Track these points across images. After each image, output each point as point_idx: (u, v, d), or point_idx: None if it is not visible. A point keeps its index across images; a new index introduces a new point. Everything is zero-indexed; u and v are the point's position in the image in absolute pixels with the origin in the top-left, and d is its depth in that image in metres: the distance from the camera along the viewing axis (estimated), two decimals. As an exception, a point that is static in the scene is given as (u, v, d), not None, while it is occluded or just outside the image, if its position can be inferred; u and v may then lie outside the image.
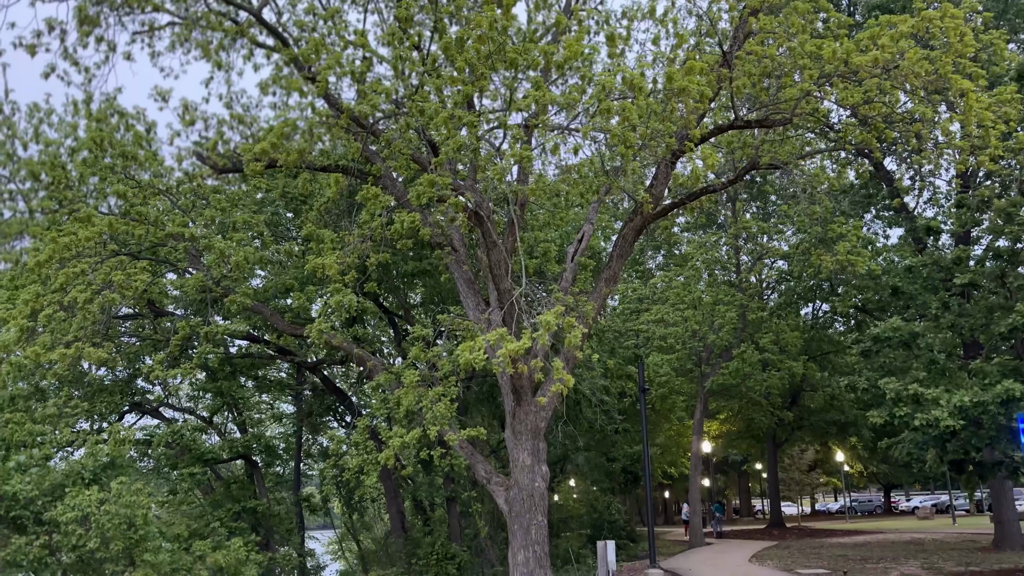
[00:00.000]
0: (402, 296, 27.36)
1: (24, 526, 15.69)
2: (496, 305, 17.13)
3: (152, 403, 25.02)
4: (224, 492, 23.78)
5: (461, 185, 15.29)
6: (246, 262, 18.89)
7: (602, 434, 28.50)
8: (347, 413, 30.06)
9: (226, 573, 16.82)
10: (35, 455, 16.88)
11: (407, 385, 17.02)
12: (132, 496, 15.56)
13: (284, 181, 22.18)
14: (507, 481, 17.44)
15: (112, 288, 16.24)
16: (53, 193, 18.94)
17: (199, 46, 15.25)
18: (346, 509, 34.08)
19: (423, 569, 21.80)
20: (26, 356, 16.10)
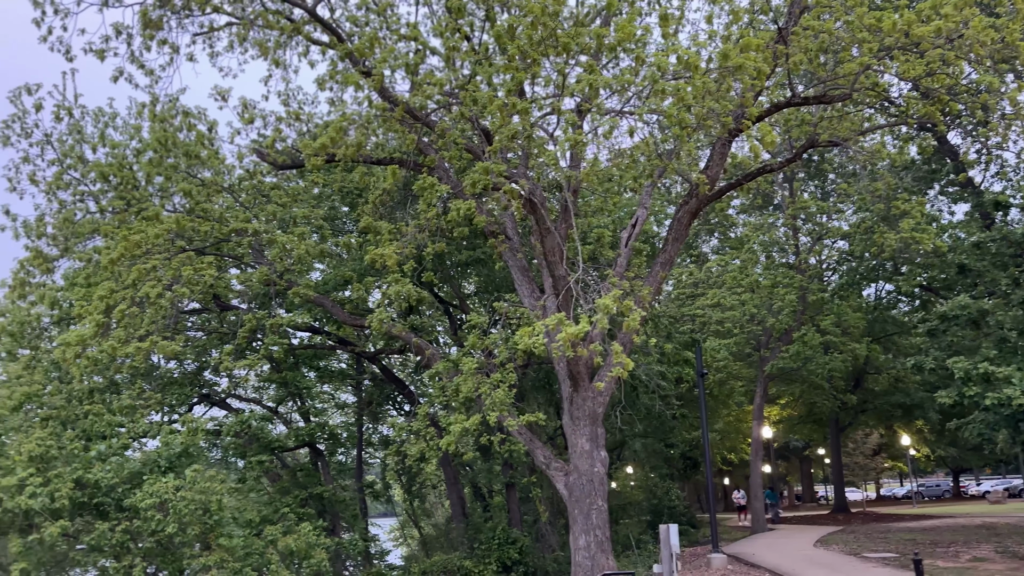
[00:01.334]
0: (456, 285, 27.64)
1: (106, 512, 16.47)
2: (551, 292, 17.20)
3: (220, 394, 25.86)
4: (291, 479, 24.48)
5: (514, 173, 15.39)
6: (307, 255, 19.38)
7: (659, 420, 28.36)
8: (406, 402, 30.56)
9: (297, 557, 17.37)
10: (114, 445, 17.67)
11: (465, 372, 17.26)
12: (206, 483, 16.18)
13: (340, 175, 22.60)
14: (566, 466, 17.55)
15: (181, 283, 16.83)
16: (121, 193, 19.73)
17: (256, 45, 15.67)
18: (407, 496, 34.69)
19: (484, 554, 22.09)
20: (102, 350, 16.84)
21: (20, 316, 20.28)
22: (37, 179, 19.13)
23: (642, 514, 33.19)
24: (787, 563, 20.10)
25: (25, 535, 15.51)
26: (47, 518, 15.53)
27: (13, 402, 17.74)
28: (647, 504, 34.00)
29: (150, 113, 18.51)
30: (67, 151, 19.73)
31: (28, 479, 15.62)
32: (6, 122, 18.73)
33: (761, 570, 19.58)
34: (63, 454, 16.58)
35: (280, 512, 20.19)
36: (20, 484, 15.54)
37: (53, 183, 19.29)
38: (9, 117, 18.78)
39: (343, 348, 26.79)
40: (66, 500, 15.55)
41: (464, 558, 22.20)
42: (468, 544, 23.74)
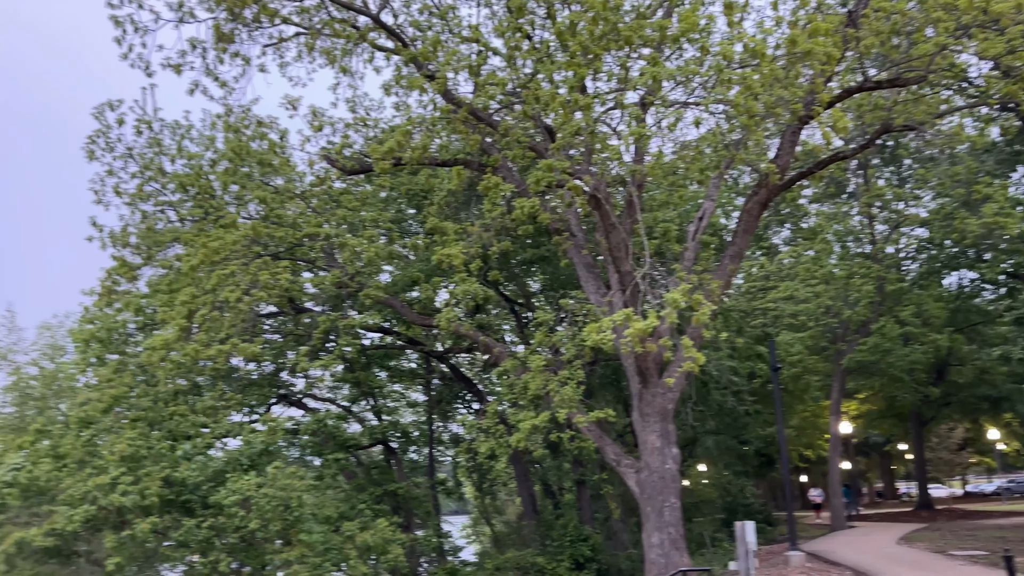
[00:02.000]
0: (522, 283, 27.75)
1: (192, 509, 17.17)
2: (618, 287, 17.11)
3: (297, 394, 26.63)
4: (366, 477, 25.03)
5: (578, 169, 15.37)
6: (376, 257, 19.78)
7: (732, 416, 27.87)
8: (475, 400, 30.85)
9: (374, 552, 17.77)
10: (198, 444, 18.41)
11: (533, 370, 17.33)
12: (286, 480, 16.71)
13: (407, 178, 22.98)
14: (637, 463, 17.42)
15: (258, 287, 17.40)
16: (199, 202, 20.52)
17: (324, 53, 16.08)
18: (478, 493, 35.01)
19: (557, 551, 22.14)
20: (185, 354, 17.56)
21: (108, 323, 21.29)
22: (121, 191, 20.04)
23: (716, 512, 32.68)
24: (868, 561, 19.50)
25: (118, 531, 16.30)
26: (138, 515, 16.29)
27: (103, 404, 18.65)
28: (721, 502, 33.46)
29: (224, 124, 19.20)
30: (147, 163, 20.61)
31: (120, 478, 16.41)
32: (91, 137, 19.67)
33: (841, 568, 19.05)
34: (151, 454, 17.36)
35: (357, 508, 20.68)
36: (113, 482, 16.34)
37: (135, 195, 20.18)
38: (94, 132, 19.72)
39: (412, 348, 27.24)
40: (155, 497, 16.28)
41: (536, 555, 22.29)
42: (540, 541, 23.81)
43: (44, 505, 17.48)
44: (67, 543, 16.87)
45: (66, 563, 17.62)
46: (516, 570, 21.86)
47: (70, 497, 16.47)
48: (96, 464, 16.95)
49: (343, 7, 15.45)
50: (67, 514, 16.18)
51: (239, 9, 14.63)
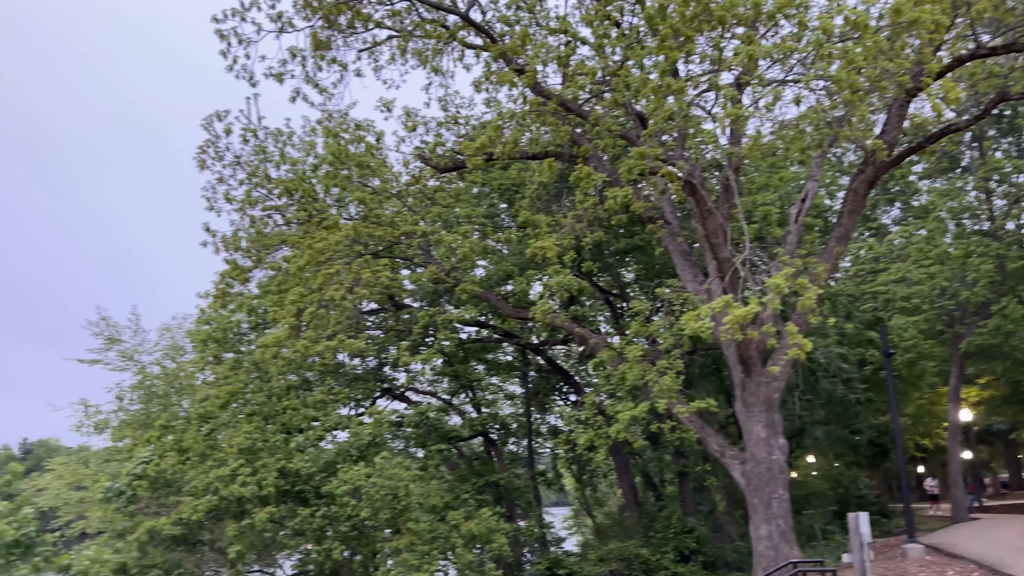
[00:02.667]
0: (616, 274, 27.54)
1: (307, 499, 17.96)
2: (716, 275, 16.73)
3: (399, 388, 27.38)
4: (468, 468, 25.50)
5: (671, 155, 15.11)
6: (471, 252, 20.08)
7: (842, 405, 26.79)
8: (571, 391, 30.88)
9: (479, 541, 18.10)
10: (310, 436, 19.23)
11: (630, 360, 17.19)
12: (393, 470, 17.24)
13: (498, 173, 23.19)
14: (742, 455, 17.04)
15: (361, 285, 17.98)
16: (303, 205, 21.35)
17: (415, 55, 16.42)
18: (578, 485, 35.04)
19: (661, 543, 21.91)
20: (295, 351, 18.36)
21: (223, 323, 22.46)
22: (231, 197, 21.08)
23: (827, 504, 31.53)
24: (994, 554, 18.37)
25: (238, 520, 17.23)
26: (256, 504, 17.16)
27: (221, 400, 19.72)
28: (832, 494, 32.26)
29: (324, 129, 19.89)
30: (254, 170, 21.60)
31: (239, 469, 17.34)
32: (202, 147, 20.77)
33: (965, 561, 18.03)
34: (267, 446, 18.25)
35: (460, 498, 21.11)
36: (232, 474, 17.28)
37: (244, 200, 21.18)
38: (204, 142, 20.82)
39: (508, 341, 27.53)
40: (272, 488, 17.11)
41: (640, 547, 22.13)
42: (643, 533, 23.63)
43: (171, 496, 18.66)
44: (192, 531, 17.95)
45: (192, 551, 18.73)
46: (620, 561, 21.77)
47: (194, 488, 17.52)
48: (216, 457, 17.96)
49: (433, 7, 15.73)
50: (192, 504, 17.22)
51: (334, 16, 15.12)
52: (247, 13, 15.52)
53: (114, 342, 28.68)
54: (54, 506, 33.17)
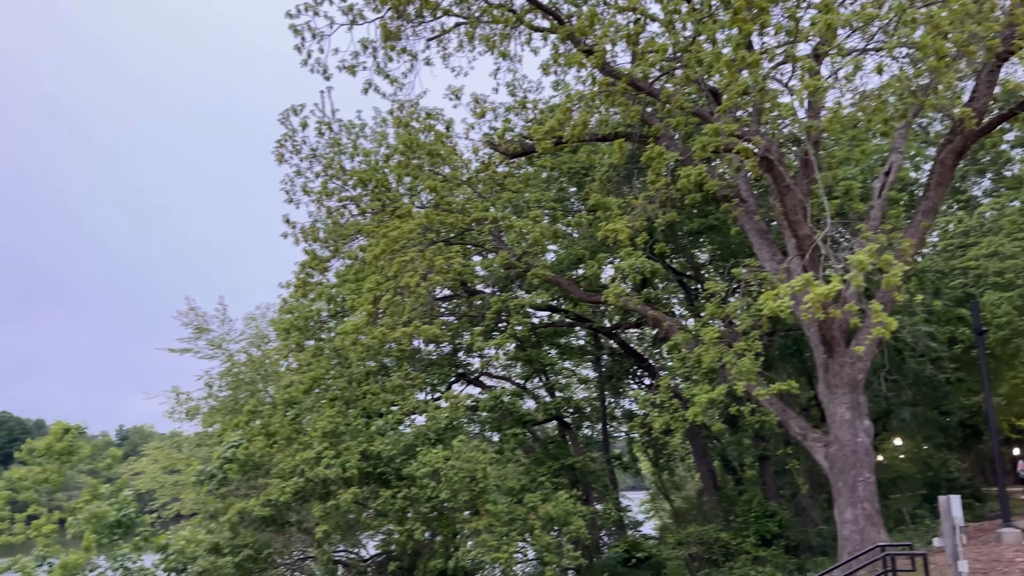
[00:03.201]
0: (690, 255, 27.11)
1: (388, 481, 18.43)
2: (795, 253, 16.31)
3: (474, 373, 27.72)
4: (543, 451, 25.65)
5: (746, 131, 14.75)
6: (542, 237, 20.12)
7: (931, 386, 25.75)
8: (646, 375, 30.62)
9: (556, 523, 18.23)
10: (389, 420, 19.70)
11: (706, 342, 16.95)
12: (471, 453, 17.52)
13: (567, 157, 23.10)
14: (825, 437, 16.65)
15: (434, 271, 18.27)
16: (377, 195, 21.79)
17: (483, 41, 16.49)
18: (655, 469, 34.80)
19: (741, 527, 21.60)
20: (373, 337, 18.82)
21: (304, 312, 23.17)
22: (308, 189, 21.68)
23: (915, 488, 30.43)
24: (1104, 543, 17.41)
25: (324, 501, 17.81)
26: (340, 486, 17.71)
27: (305, 386, 20.38)
28: (921, 477, 31.10)
29: (395, 120, 20.22)
30: (329, 162, 22.15)
31: (323, 452, 17.91)
32: (280, 141, 21.41)
33: (1068, 549, 17.16)
34: (349, 430, 18.79)
35: (537, 481, 21.28)
36: (317, 457, 17.86)
37: (321, 192, 21.77)
38: (281, 137, 21.45)
39: (580, 324, 27.48)
40: (355, 470, 17.63)
41: (720, 530, 21.88)
42: (723, 517, 23.33)
43: (259, 478, 19.41)
44: (281, 513, 18.65)
45: (280, 531, 19.48)
46: (699, 545, 21.59)
47: (281, 471, 18.19)
48: (302, 440, 18.59)
49: (500, -8, 15.77)
50: (279, 486, 17.89)
51: (403, 6, 15.32)
52: (319, 7, 15.88)
53: (203, 331, 29.96)
54: (150, 489, 35.00)
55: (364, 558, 20.49)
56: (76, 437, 18.03)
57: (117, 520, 17.76)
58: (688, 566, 21.17)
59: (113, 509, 17.70)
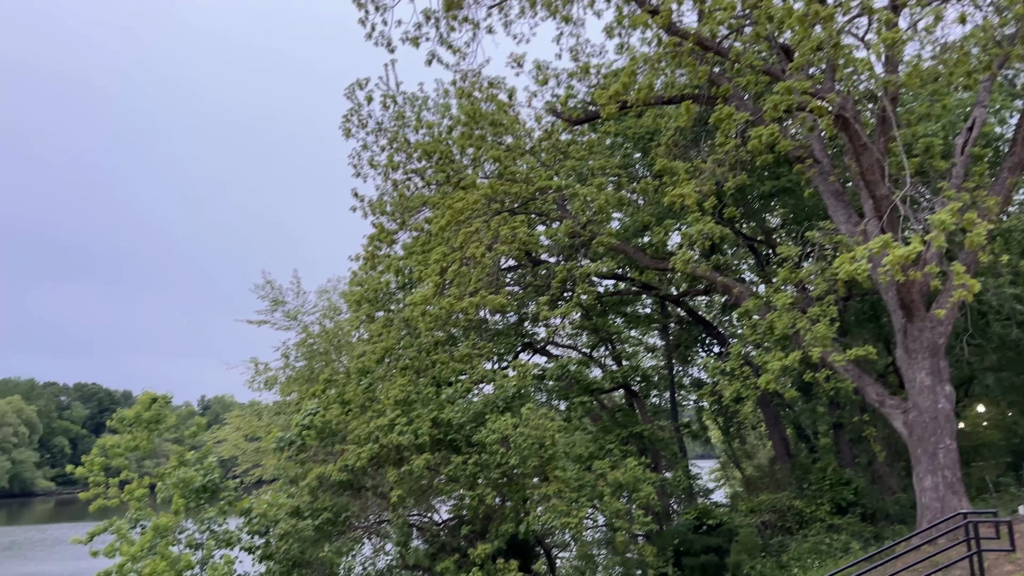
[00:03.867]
0: (761, 219, 26.46)
1: (459, 447, 18.78)
2: (872, 214, 15.79)
3: (540, 343, 27.85)
4: (610, 419, 25.68)
5: (820, 88, 14.26)
6: (606, 204, 19.94)
7: (1016, 350, 24.62)
8: (715, 343, 30.20)
9: (626, 489, 18.29)
10: (458, 388, 20.03)
11: (779, 308, 16.62)
12: (539, 420, 17.69)
13: (632, 122, 22.74)
14: (904, 404, 16.22)
15: (499, 241, 18.36)
16: (441, 167, 21.96)
17: (545, 5, 16.31)
18: (725, 437, 34.45)
19: (815, 495, 21.27)
20: (440, 307, 19.10)
21: (373, 284, 23.63)
22: (375, 163, 22.00)
23: (1000, 455, 29.32)
24: None
25: (398, 466, 18.28)
26: (413, 452, 18.14)
27: (376, 356, 20.86)
28: (1006, 444, 29.93)
29: (457, 90, 20.27)
30: (394, 136, 22.40)
31: (396, 419, 18.36)
32: (346, 116, 21.74)
33: None
34: (420, 398, 19.19)
35: (605, 449, 21.36)
36: (390, 424, 18.32)
37: (387, 165, 22.07)
38: (348, 112, 21.76)
39: (647, 293, 27.23)
40: (426, 437, 18.02)
41: (793, 498, 21.59)
42: (796, 485, 22.99)
43: (336, 445, 20.03)
44: (357, 477, 19.23)
45: (357, 495, 20.09)
46: (772, 512, 21.34)
47: (356, 437, 18.74)
48: (375, 408, 19.09)
49: (561, -45, 15.53)
50: (355, 452, 18.44)
51: (464, -25, 15.26)
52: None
53: (278, 304, 30.95)
54: (233, 456, 36.55)
55: (437, 522, 21.02)
56: (163, 406, 18.93)
57: (203, 485, 18.63)
58: (760, 533, 20.97)
59: (199, 475, 18.57)
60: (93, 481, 18.07)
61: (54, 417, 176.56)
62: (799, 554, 18.75)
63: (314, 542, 18.42)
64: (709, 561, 19.50)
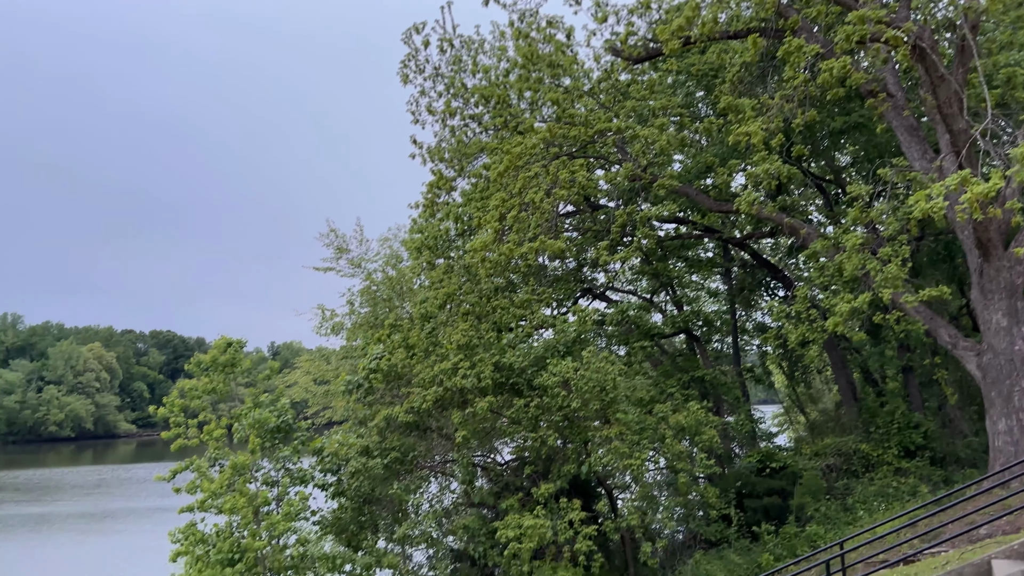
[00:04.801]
0: (830, 158, 25.58)
1: (520, 390, 19.09)
2: (949, 150, 15.13)
3: (599, 288, 27.82)
4: (671, 364, 25.65)
5: (895, 17, 13.57)
6: (668, 146, 19.52)
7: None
8: (779, 286, 29.64)
9: (687, 433, 18.37)
10: (519, 334, 20.24)
11: (848, 249, 16.18)
12: (600, 363, 17.80)
13: (695, 58, 22.06)
14: (978, 346, 15.76)
15: (558, 185, 18.23)
16: (498, 112, 21.76)
17: (604, -62, 15.77)
18: (789, 382, 34.05)
19: (882, 438, 20.94)
20: (500, 253, 19.17)
21: (433, 231, 23.84)
22: (432, 109, 21.94)
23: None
24: None
25: (462, 409, 18.71)
26: (476, 395, 18.52)
27: (438, 301, 21.17)
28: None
29: (514, 32, 19.93)
30: (451, 81, 22.23)
31: (459, 364, 18.71)
32: (403, 62, 21.64)
33: None
34: (481, 342, 19.48)
35: (666, 393, 21.40)
36: (454, 368, 18.69)
37: (444, 111, 21.98)
38: (405, 57, 21.64)
39: (709, 236, 26.77)
40: (489, 380, 18.35)
41: (860, 442, 21.32)
42: (863, 429, 22.66)
43: (402, 388, 20.57)
44: (422, 419, 19.79)
45: (423, 436, 20.70)
46: (837, 456, 21.15)
47: (421, 380, 19.20)
48: (439, 352, 19.48)
49: None
50: (421, 394, 18.92)
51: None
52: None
53: (343, 252, 31.61)
54: (303, 399, 37.93)
55: (500, 463, 21.53)
56: (237, 351, 19.70)
57: (277, 426, 19.45)
58: (825, 476, 20.84)
59: (273, 415, 19.37)
60: (174, 421, 19.06)
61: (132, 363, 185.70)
62: (865, 497, 18.62)
63: (383, 480, 19.13)
64: (772, 503, 19.55)
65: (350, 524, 19.52)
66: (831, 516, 18.27)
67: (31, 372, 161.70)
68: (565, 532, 16.82)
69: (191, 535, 18.24)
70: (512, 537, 16.36)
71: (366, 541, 19.57)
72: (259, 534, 17.97)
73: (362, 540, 19.55)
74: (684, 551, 19.89)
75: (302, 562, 18.67)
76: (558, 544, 17.21)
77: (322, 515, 19.97)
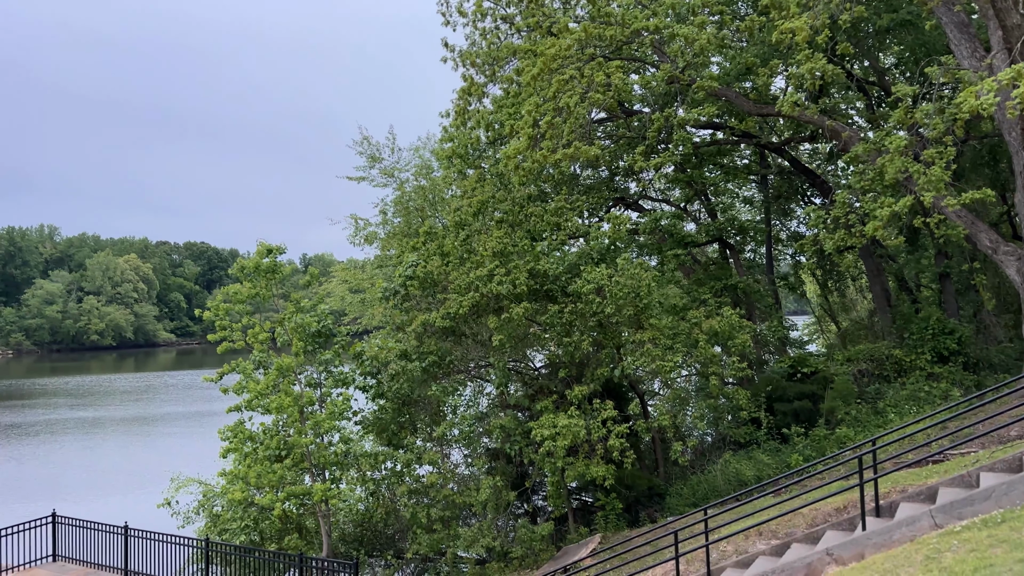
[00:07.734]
0: (874, 58, 24.64)
1: (555, 296, 19.31)
2: (1001, 46, 14.52)
3: (632, 197, 27.59)
4: (704, 272, 25.65)
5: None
6: (707, 45, 18.94)
7: None
8: (816, 194, 29.15)
9: (720, 338, 18.56)
10: (553, 242, 20.32)
11: (892, 151, 15.82)
12: (634, 270, 17.89)
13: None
14: (1019, 251, 15.49)
15: (593, 88, 17.88)
16: (530, 11, 21.17)
17: None
18: (821, 291, 33.93)
19: (916, 344, 20.94)
20: (534, 160, 19.04)
21: (464, 139, 23.67)
22: (463, 10, 21.42)
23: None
24: None
25: (498, 315, 19.02)
26: (511, 301, 18.78)
27: (472, 209, 21.24)
28: None
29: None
30: (482, -21, 21.56)
31: (494, 270, 18.92)
32: (435, -37, 21.03)
33: None
34: (516, 250, 19.61)
35: (699, 300, 21.50)
36: (489, 274, 18.92)
37: (475, 11, 21.46)
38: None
39: (746, 142, 26.23)
40: (524, 287, 18.57)
41: (893, 347, 21.37)
42: (896, 335, 22.68)
43: (438, 294, 20.92)
44: (458, 324, 20.17)
45: (458, 341, 21.15)
46: (869, 361, 21.26)
47: (457, 287, 19.49)
48: (474, 260, 19.68)
49: None
50: (457, 300, 19.24)
51: None
52: None
53: (375, 160, 31.53)
54: (339, 309, 38.70)
55: (535, 367, 22.01)
56: (277, 256, 20.11)
57: (318, 331, 20.00)
58: (856, 381, 21.03)
59: (314, 321, 19.90)
60: (220, 325, 19.69)
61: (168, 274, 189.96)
62: (896, 401, 18.81)
63: (422, 382, 19.72)
64: (802, 407, 19.83)
65: (390, 424, 20.27)
66: (861, 419, 18.54)
67: (70, 283, 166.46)
68: (598, 431, 17.33)
69: (239, 433, 19.12)
70: (547, 436, 16.91)
71: (406, 440, 20.37)
72: (305, 431, 18.79)
73: (403, 439, 20.35)
74: (714, 452, 20.41)
75: (345, 459, 19.55)
76: (591, 442, 17.77)
77: (363, 416, 20.75)
